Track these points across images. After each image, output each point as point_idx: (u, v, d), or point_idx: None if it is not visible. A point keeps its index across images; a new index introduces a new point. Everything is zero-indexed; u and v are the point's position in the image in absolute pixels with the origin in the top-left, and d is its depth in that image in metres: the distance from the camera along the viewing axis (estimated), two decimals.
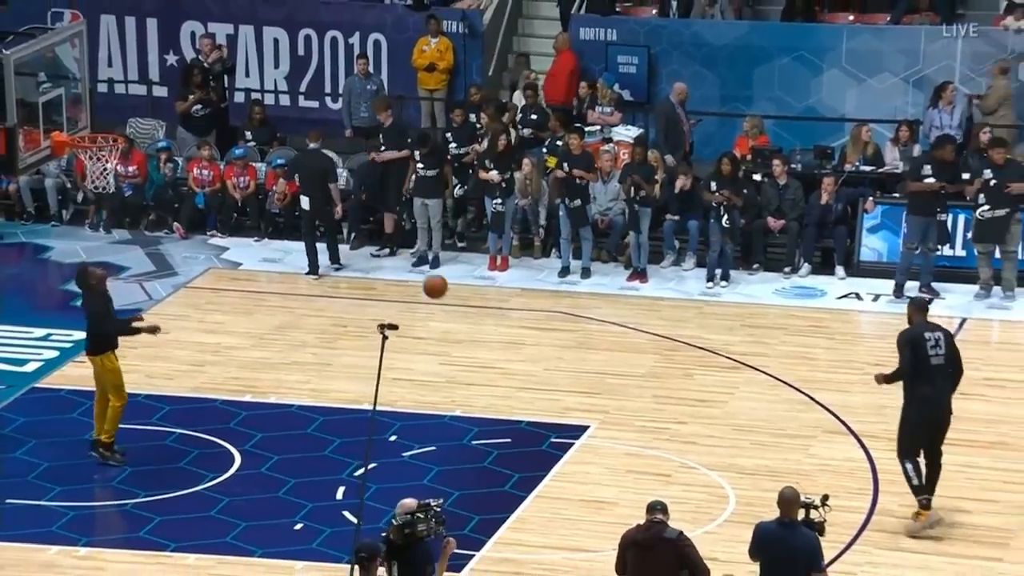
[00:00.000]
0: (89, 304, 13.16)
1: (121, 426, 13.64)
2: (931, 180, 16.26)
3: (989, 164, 16.37)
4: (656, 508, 9.62)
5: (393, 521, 9.34)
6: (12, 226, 18.40)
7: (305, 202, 17.10)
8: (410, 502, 9.40)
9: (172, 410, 14.01)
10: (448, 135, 17.88)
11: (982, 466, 13.11)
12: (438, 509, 9.30)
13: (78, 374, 14.67)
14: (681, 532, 9.55)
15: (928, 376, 11.88)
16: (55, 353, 15.18)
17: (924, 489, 11.96)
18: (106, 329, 13.00)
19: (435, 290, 11.20)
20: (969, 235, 16.66)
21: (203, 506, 12.50)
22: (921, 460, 12.01)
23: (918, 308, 12.27)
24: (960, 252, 16.95)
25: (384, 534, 9.39)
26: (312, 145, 17.33)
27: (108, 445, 13.02)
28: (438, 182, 17.33)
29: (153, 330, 13.23)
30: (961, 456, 13.18)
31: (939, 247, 16.50)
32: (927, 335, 12.00)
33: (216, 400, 14.22)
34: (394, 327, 10.97)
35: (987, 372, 14.71)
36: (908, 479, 11.99)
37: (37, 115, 12.62)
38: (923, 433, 11.95)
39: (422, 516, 9.26)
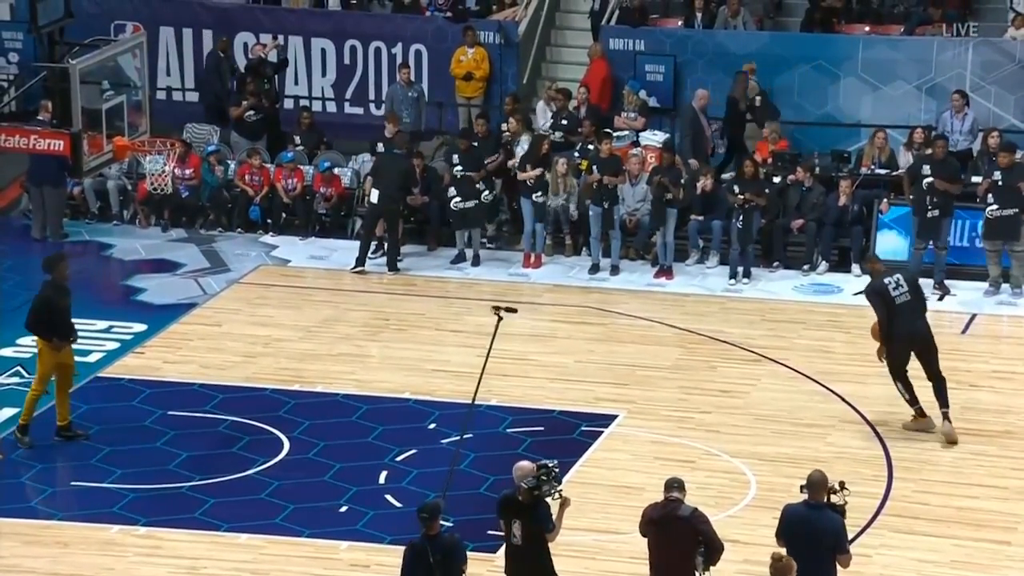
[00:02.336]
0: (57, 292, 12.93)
1: (178, 413, 13.72)
2: (929, 180, 16.16)
3: (998, 166, 16.26)
4: (673, 486, 9.54)
5: (522, 484, 9.57)
6: (77, 225, 18.48)
7: (375, 195, 16.93)
8: (527, 464, 9.63)
9: (225, 398, 14.03)
10: (455, 157, 17.46)
11: (991, 454, 13.01)
12: (556, 470, 9.52)
13: (138, 364, 14.74)
14: (695, 509, 9.48)
15: (900, 313, 12.89)
16: (116, 344, 15.24)
17: (916, 400, 13.07)
18: (61, 319, 12.84)
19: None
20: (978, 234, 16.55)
21: (254, 489, 12.51)
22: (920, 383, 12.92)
23: (874, 259, 13.55)
24: (970, 250, 16.83)
25: (504, 495, 9.71)
26: (396, 149, 17.16)
27: (24, 428, 12.95)
28: (473, 180, 17.26)
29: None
30: (971, 444, 13.09)
31: (947, 246, 16.37)
32: (887, 280, 13.03)
33: (266, 389, 14.23)
34: (512, 310, 10.89)
35: (996, 365, 14.62)
36: (901, 394, 13.05)
37: (100, 121, 12.66)
38: (907, 358, 13.00)
39: (545, 477, 9.50)
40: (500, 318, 10.99)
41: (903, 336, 12.91)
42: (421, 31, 19.89)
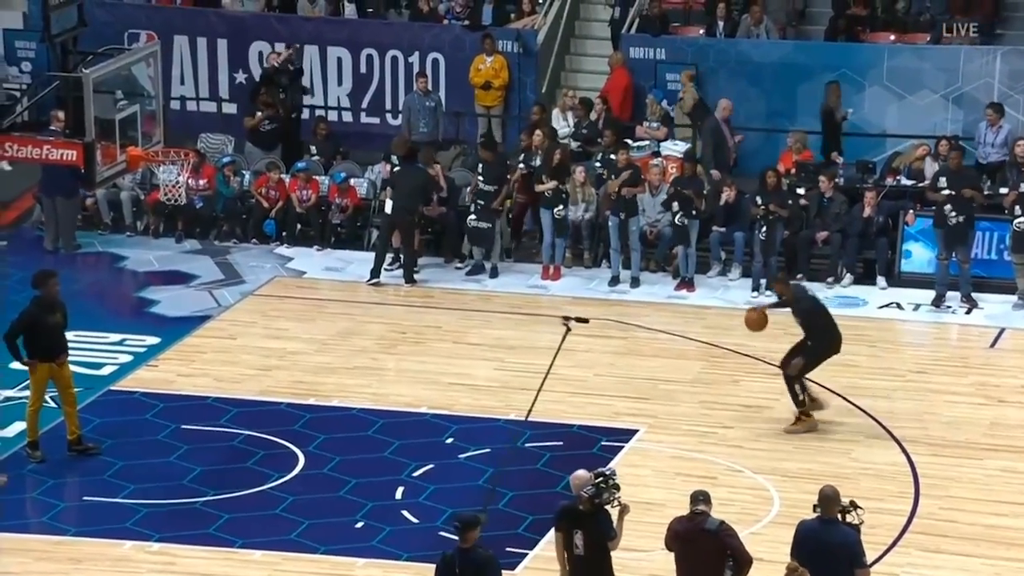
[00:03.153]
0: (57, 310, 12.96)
1: (192, 427, 13.75)
2: (946, 192, 16.14)
3: None
4: (699, 499, 9.55)
5: (583, 493, 9.66)
6: (90, 236, 18.56)
7: (388, 206, 16.99)
8: (584, 473, 9.72)
9: (240, 412, 14.07)
10: (480, 167, 17.41)
11: (1021, 471, 12.97)
12: (615, 477, 9.65)
13: (151, 377, 14.78)
14: (722, 522, 9.48)
15: (831, 320, 13.63)
16: (129, 357, 15.29)
17: (804, 404, 13.57)
18: (48, 337, 12.88)
19: (752, 324, 13.24)
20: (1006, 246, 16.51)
21: (269, 504, 12.54)
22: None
23: (784, 280, 14.15)
24: (998, 262, 16.79)
25: (563, 505, 9.81)
26: (419, 163, 17.18)
27: (33, 444, 13.03)
28: (493, 202, 17.26)
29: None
30: (1000, 461, 13.06)
31: (970, 258, 16.33)
32: (810, 291, 14.04)
33: (281, 403, 14.27)
34: (584, 320, 11.20)
35: None
36: (795, 395, 13.50)
37: (114, 131, 12.71)
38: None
39: (603, 485, 9.61)
40: (568, 329, 10.99)
41: (833, 340, 13.52)
42: (439, 40, 19.95)
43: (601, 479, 9.65)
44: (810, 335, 13.55)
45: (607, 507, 9.71)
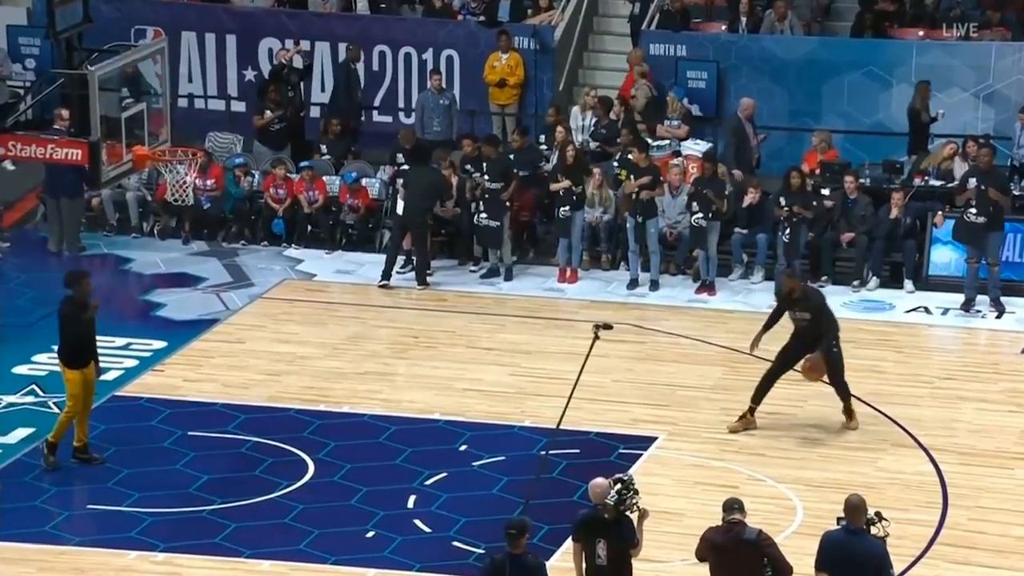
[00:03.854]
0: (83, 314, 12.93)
1: (198, 434, 13.75)
2: (972, 186, 16.06)
3: None
4: (734, 507, 9.51)
5: (607, 501, 9.70)
6: (95, 238, 18.59)
7: (400, 207, 16.97)
8: (603, 480, 9.75)
9: (248, 419, 14.07)
10: (484, 164, 17.36)
11: None
12: (634, 483, 9.69)
13: (157, 383, 14.79)
14: (760, 531, 9.45)
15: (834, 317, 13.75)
16: (135, 362, 15.30)
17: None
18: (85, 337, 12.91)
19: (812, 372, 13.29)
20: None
21: (277, 513, 12.53)
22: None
23: (792, 275, 14.22)
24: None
25: (583, 515, 9.85)
26: (434, 164, 17.16)
27: (52, 446, 13.02)
28: (501, 197, 17.23)
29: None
30: None
31: (999, 261, 16.25)
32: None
33: (290, 409, 14.27)
34: (608, 327, 11.37)
35: None
36: (849, 396, 13.58)
37: (120, 130, 12.73)
38: None
39: (625, 492, 9.66)
40: (597, 337, 11.05)
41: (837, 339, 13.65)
42: (453, 36, 19.94)
43: (621, 484, 9.64)
44: (822, 331, 13.45)
45: (628, 513, 9.67)
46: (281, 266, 17.88)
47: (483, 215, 17.22)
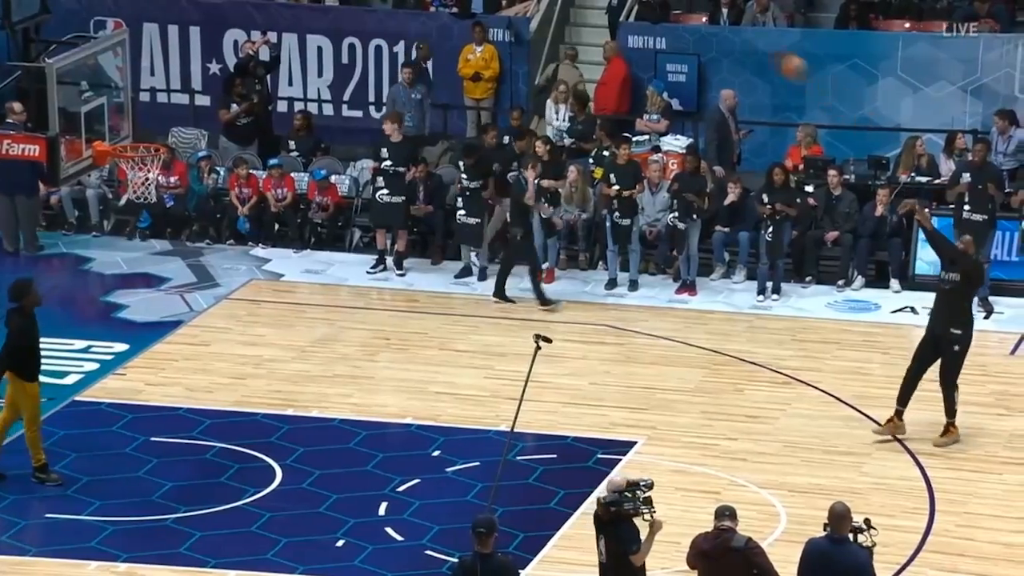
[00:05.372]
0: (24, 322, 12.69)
1: (162, 440, 13.73)
2: (965, 181, 16.16)
3: None
4: (724, 514, 9.56)
5: (599, 498, 9.75)
6: (54, 236, 18.53)
7: (545, 212, 16.64)
8: (619, 479, 9.80)
9: (213, 424, 14.06)
10: (461, 165, 17.35)
11: None
12: (647, 491, 9.68)
13: (119, 387, 14.76)
14: (749, 539, 9.49)
15: None
16: (95, 365, 15.27)
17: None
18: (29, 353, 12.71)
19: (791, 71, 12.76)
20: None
21: (244, 522, 12.53)
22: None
23: (970, 243, 13.62)
24: (1019, 264, 16.81)
25: (596, 510, 9.86)
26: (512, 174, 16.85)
27: (43, 467, 12.91)
28: (482, 196, 17.26)
29: None
30: (1021, 476, 13.06)
31: (990, 259, 16.34)
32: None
33: (257, 414, 14.26)
34: (548, 340, 11.50)
35: None
36: (953, 402, 13.43)
37: (79, 125, 12.71)
38: None
39: (628, 495, 9.65)
40: (539, 347, 11.15)
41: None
42: (425, 28, 19.95)
43: (629, 488, 9.70)
44: (964, 297, 13.32)
45: (641, 519, 9.71)
46: (247, 266, 17.87)
47: (462, 214, 17.24)
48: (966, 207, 16.20)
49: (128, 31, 16.40)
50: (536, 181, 16.96)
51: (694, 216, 16.73)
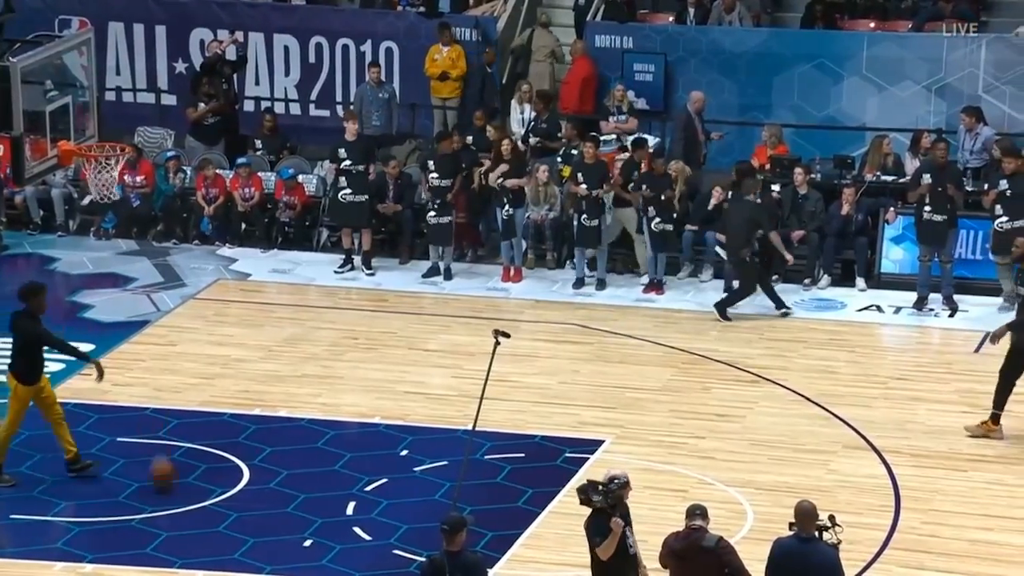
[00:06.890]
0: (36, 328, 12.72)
1: (129, 440, 13.67)
2: (926, 182, 16.21)
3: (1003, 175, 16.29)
4: (696, 513, 9.55)
5: (578, 488, 9.80)
6: (18, 236, 18.43)
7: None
8: (611, 471, 9.86)
9: (180, 424, 14.01)
10: (430, 163, 17.33)
11: (1007, 483, 13.05)
12: (613, 487, 9.69)
13: (85, 387, 14.67)
14: (720, 538, 9.49)
15: None
16: (61, 366, 15.15)
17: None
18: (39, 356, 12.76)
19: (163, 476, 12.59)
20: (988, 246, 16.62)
21: (211, 522, 12.48)
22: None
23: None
24: (982, 263, 16.89)
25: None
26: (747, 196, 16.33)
27: None
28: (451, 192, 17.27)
29: None
30: (986, 473, 13.13)
31: (952, 258, 16.40)
32: None
33: (224, 414, 14.22)
34: (506, 335, 11.48)
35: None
36: (1005, 396, 13.45)
37: (44, 124, 12.63)
38: None
39: (601, 489, 9.70)
40: (497, 342, 11.15)
41: None
42: (392, 27, 19.92)
43: (604, 484, 9.72)
44: None
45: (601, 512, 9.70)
46: (214, 265, 17.81)
47: (432, 214, 17.23)
48: (927, 207, 16.27)
49: (93, 30, 16.23)
50: (500, 180, 16.99)
51: (673, 217, 16.72)
